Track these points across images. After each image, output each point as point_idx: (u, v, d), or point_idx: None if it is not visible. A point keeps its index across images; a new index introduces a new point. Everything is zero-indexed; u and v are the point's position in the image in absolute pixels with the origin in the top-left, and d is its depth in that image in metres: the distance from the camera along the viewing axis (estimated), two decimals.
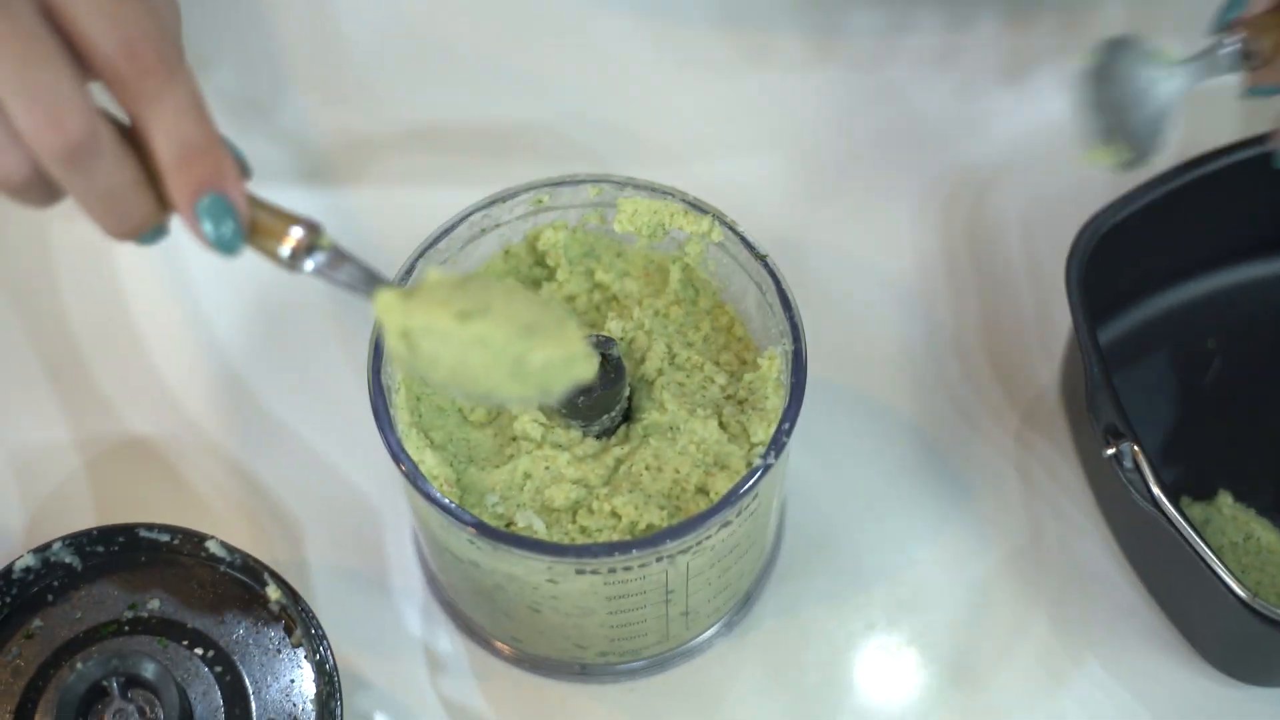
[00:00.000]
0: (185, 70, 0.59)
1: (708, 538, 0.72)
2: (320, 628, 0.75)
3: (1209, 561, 0.74)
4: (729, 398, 0.77)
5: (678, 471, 0.75)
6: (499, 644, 0.83)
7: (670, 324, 0.80)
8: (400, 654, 0.84)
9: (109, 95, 0.60)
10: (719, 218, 0.77)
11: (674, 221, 0.78)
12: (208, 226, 0.60)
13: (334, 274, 0.62)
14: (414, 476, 0.72)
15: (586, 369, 0.61)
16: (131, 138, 0.60)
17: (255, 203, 0.62)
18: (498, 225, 0.80)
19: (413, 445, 0.74)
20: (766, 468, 0.71)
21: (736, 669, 0.83)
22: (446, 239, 0.78)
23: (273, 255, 0.62)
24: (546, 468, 0.75)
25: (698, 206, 0.78)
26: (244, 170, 0.63)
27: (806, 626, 0.84)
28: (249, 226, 0.61)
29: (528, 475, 0.75)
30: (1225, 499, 0.83)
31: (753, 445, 0.75)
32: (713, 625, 0.83)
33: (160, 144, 0.59)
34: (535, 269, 0.82)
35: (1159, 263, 0.88)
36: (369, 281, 0.62)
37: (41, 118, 0.57)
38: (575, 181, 0.79)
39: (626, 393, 0.76)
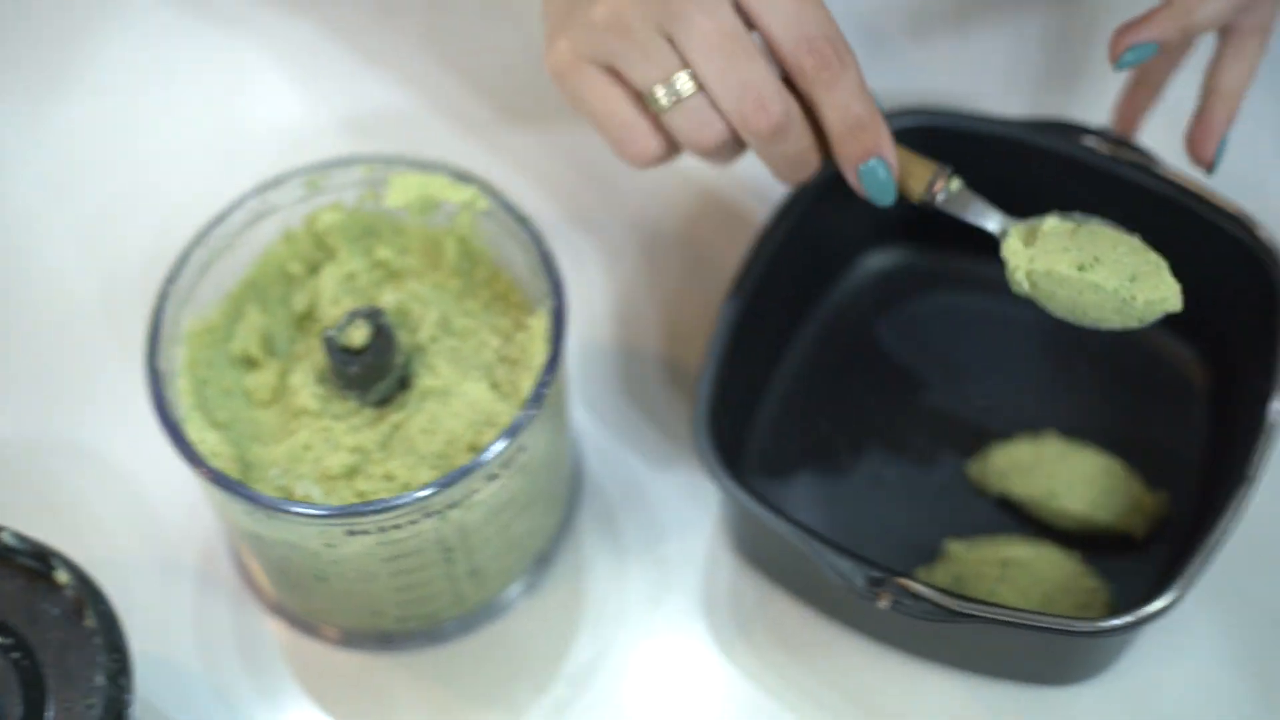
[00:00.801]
0: (852, 59, 0.73)
1: (475, 492, 0.74)
2: (110, 606, 0.77)
3: (1004, 619, 0.76)
4: (503, 359, 0.79)
5: (451, 432, 0.76)
6: (305, 619, 0.84)
7: (448, 294, 0.82)
8: (213, 639, 0.86)
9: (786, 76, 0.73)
10: (484, 187, 0.79)
11: (442, 194, 0.81)
12: (869, 183, 0.75)
13: (960, 209, 0.76)
14: (185, 451, 0.74)
15: (1176, 304, 0.74)
16: (804, 109, 0.74)
17: (901, 154, 0.76)
18: (275, 210, 0.82)
19: (195, 427, 0.77)
20: (528, 418, 0.73)
21: (540, 629, 0.85)
22: (223, 225, 0.80)
23: (913, 195, 0.76)
24: (325, 438, 0.77)
25: (463, 178, 0.80)
26: None
27: (606, 585, 0.86)
28: (899, 179, 0.75)
29: (307, 447, 0.76)
30: (956, 546, 0.86)
31: (522, 401, 0.77)
32: (510, 585, 0.84)
33: (832, 119, 0.73)
34: (317, 251, 0.83)
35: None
36: (992, 218, 0.76)
37: (751, 105, 0.72)
38: (346, 163, 0.81)
39: (400, 360, 0.78)
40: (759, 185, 0.96)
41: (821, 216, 0.88)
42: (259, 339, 0.80)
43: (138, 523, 0.88)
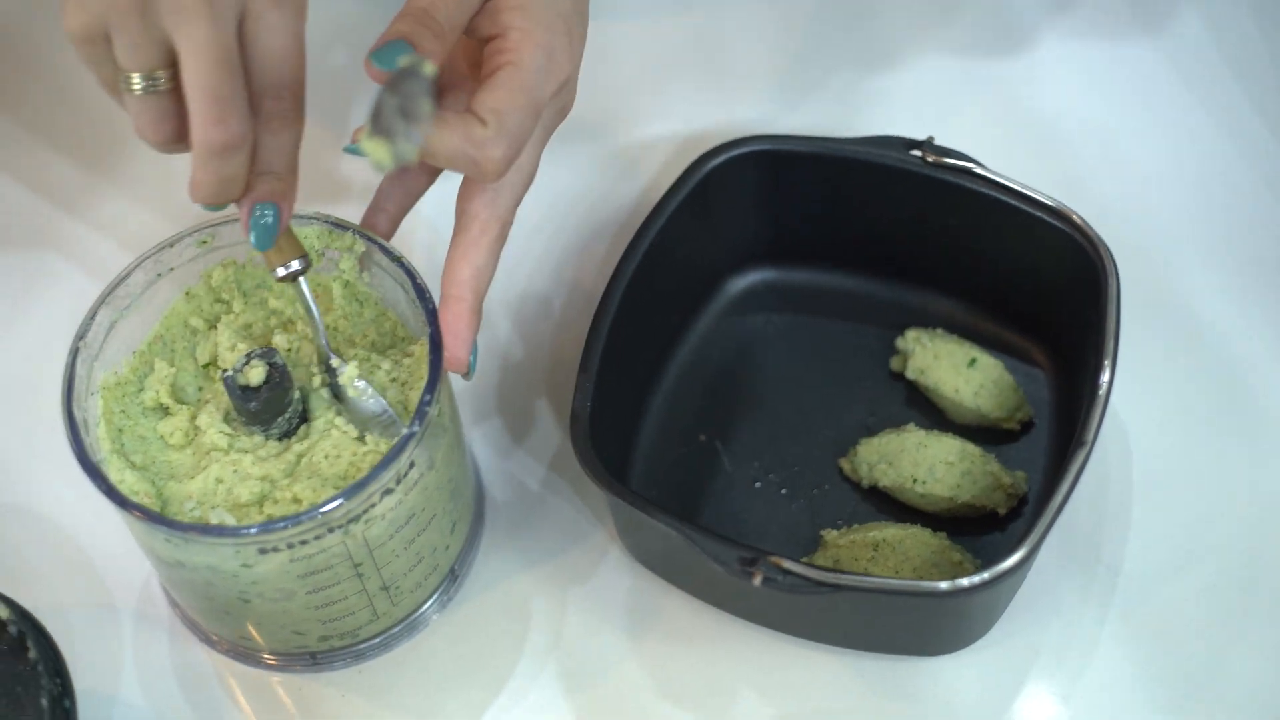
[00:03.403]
0: (302, 120, 0.79)
1: (372, 506, 0.83)
2: (49, 638, 0.85)
3: (867, 587, 0.85)
4: (394, 380, 0.87)
5: (354, 454, 0.85)
6: (234, 647, 0.93)
7: (339, 335, 0.90)
8: (153, 673, 0.94)
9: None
10: (358, 232, 0.88)
11: (321, 241, 0.88)
12: (255, 222, 0.81)
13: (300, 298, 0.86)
14: (105, 489, 0.83)
15: None
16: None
17: (289, 232, 0.83)
18: (171, 269, 0.90)
19: (114, 469, 0.86)
20: (409, 436, 0.82)
21: (455, 641, 0.94)
22: (124, 285, 0.88)
23: (270, 264, 0.84)
24: (234, 470, 0.86)
25: (340, 225, 0.88)
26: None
27: (515, 595, 0.96)
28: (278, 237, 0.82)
29: (219, 480, 0.85)
30: (831, 534, 0.94)
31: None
32: (425, 601, 0.93)
33: (262, 159, 0.80)
34: (215, 305, 0.92)
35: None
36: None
37: (214, 118, 0.76)
38: (231, 221, 0.90)
39: (296, 395, 0.86)
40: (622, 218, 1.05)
41: (680, 242, 0.97)
42: (169, 389, 0.89)
43: (73, 571, 0.97)
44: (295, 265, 0.83)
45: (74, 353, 0.86)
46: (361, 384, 0.87)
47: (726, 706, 0.92)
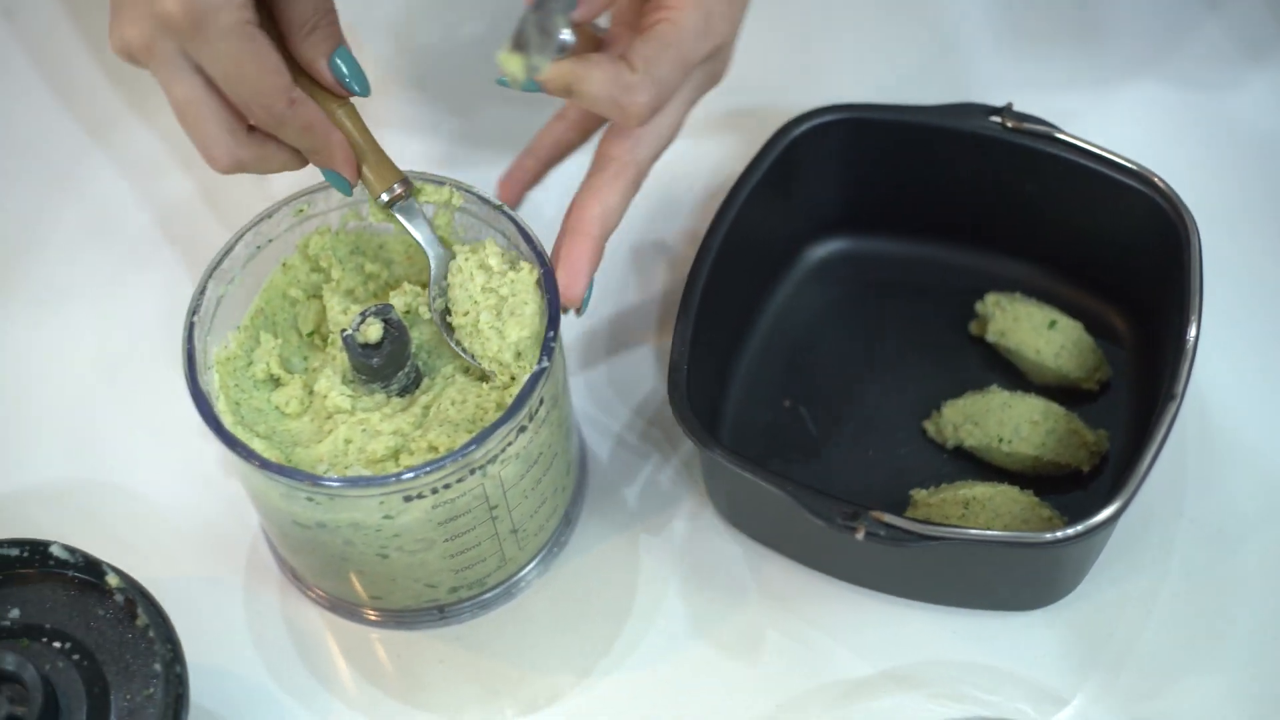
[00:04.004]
0: (300, 99, 0.82)
1: (509, 445, 0.85)
2: (158, 605, 0.86)
3: (972, 538, 0.87)
4: (493, 328, 0.89)
5: (479, 396, 0.87)
6: (358, 609, 0.95)
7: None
8: (261, 640, 0.96)
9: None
10: (455, 184, 0.90)
11: (420, 198, 0.90)
12: (331, 180, 0.87)
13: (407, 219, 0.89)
14: (247, 454, 0.84)
15: None
16: None
17: (373, 156, 0.88)
18: (270, 240, 0.92)
19: (242, 438, 0.86)
20: (540, 371, 0.85)
21: (558, 599, 0.96)
22: (229, 259, 0.90)
23: (373, 192, 0.88)
24: (363, 429, 0.88)
25: (435, 179, 0.90)
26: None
27: (617, 556, 0.98)
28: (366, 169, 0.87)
29: (348, 440, 0.87)
30: (920, 494, 0.96)
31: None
32: (544, 547, 0.96)
33: (296, 146, 0.85)
34: (313, 274, 0.93)
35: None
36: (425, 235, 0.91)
37: (203, 155, 0.83)
38: (326, 187, 0.91)
39: (413, 350, 0.88)
40: (705, 186, 1.07)
41: (758, 216, 1.00)
42: (277, 360, 0.91)
43: (176, 542, 0.99)
44: (396, 189, 0.87)
45: (189, 327, 0.88)
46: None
47: (823, 664, 0.94)
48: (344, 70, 0.85)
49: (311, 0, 0.84)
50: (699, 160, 1.11)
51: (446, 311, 0.89)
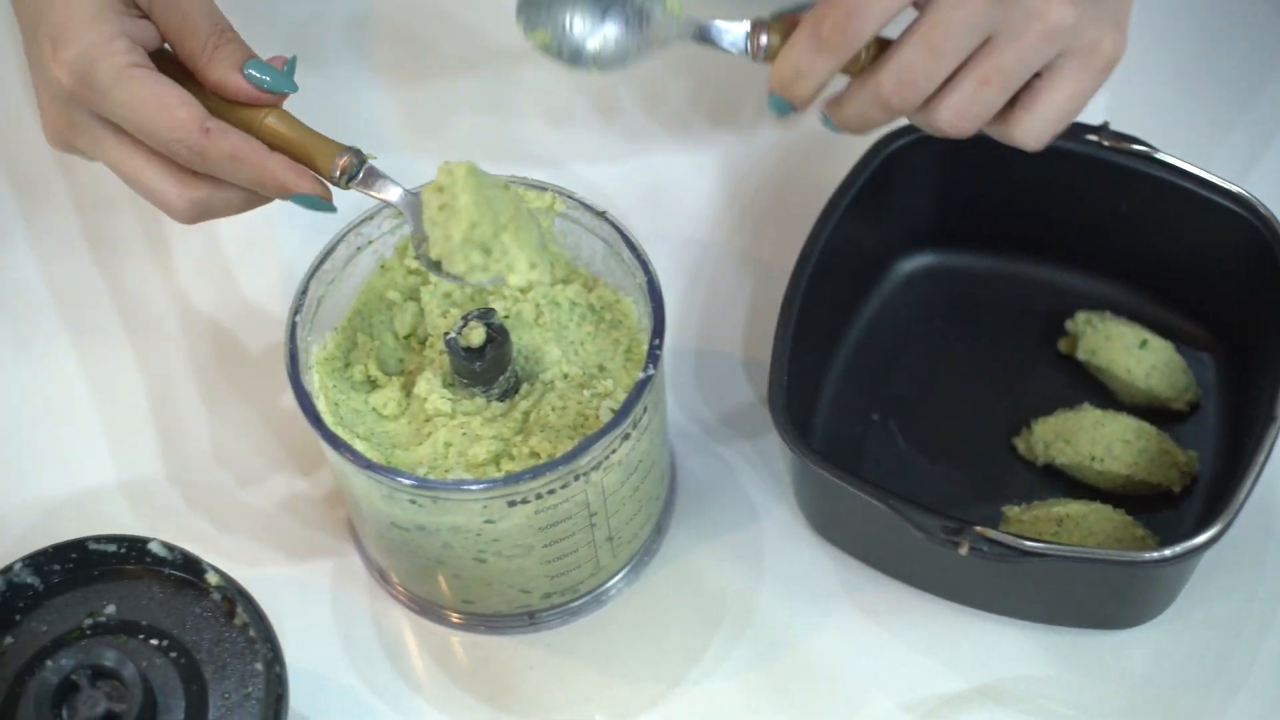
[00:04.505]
0: (218, 131, 0.81)
1: (614, 451, 0.85)
2: (256, 605, 0.86)
3: (1076, 556, 0.88)
4: (592, 337, 0.92)
5: (579, 403, 0.88)
6: (450, 614, 0.95)
7: (537, 295, 0.92)
8: (358, 646, 0.96)
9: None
10: (557, 190, 0.90)
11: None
12: (304, 203, 0.84)
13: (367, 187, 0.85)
14: (353, 456, 0.85)
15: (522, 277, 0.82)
16: None
17: (310, 138, 0.84)
18: (370, 242, 0.92)
19: (344, 439, 0.86)
20: (646, 379, 0.85)
21: (647, 607, 0.97)
22: (330, 259, 0.90)
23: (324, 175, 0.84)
24: (463, 433, 0.88)
25: (539, 186, 0.90)
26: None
27: (701, 566, 0.98)
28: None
29: (448, 444, 0.87)
30: (1013, 510, 0.96)
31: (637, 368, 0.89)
32: (635, 555, 0.96)
33: (240, 181, 0.83)
34: (410, 276, 0.93)
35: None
36: (392, 191, 0.85)
37: (161, 207, 0.83)
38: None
39: (514, 354, 0.88)
40: (795, 199, 1.08)
41: (853, 229, 1.00)
42: (374, 362, 0.91)
43: (270, 541, 0.99)
44: (340, 161, 0.83)
45: (291, 326, 0.88)
46: None
47: (914, 678, 0.94)
48: (259, 76, 0.83)
49: (204, 27, 0.83)
50: (790, 173, 1.11)
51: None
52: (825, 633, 0.95)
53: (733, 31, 0.85)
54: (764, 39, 0.84)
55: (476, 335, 0.87)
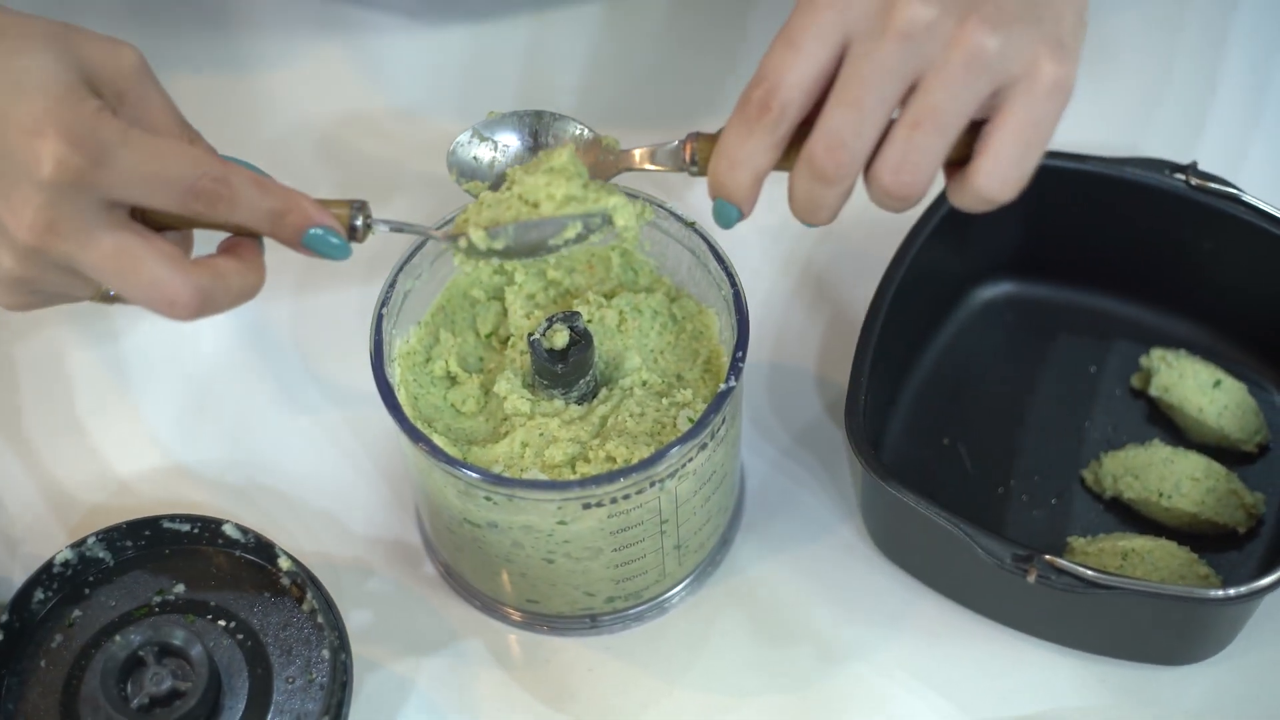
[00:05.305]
0: (233, 171, 0.77)
1: (690, 460, 0.86)
2: (326, 592, 0.87)
3: (1145, 590, 0.88)
4: (671, 346, 0.93)
5: (658, 410, 0.89)
6: (512, 612, 0.97)
7: (621, 302, 0.93)
8: (419, 639, 0.97)
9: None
10: (649, 199, 0.91)
11: (616, 216, 0.91)
12: (320, 246, 0.81)
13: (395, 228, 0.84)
14: (431, 449, 0.86)
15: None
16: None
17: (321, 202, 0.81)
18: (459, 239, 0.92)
19: (423, 433, 0.87)
20: (728, 390, 0.86)
21: (707, 618, 0.98)
22: (419, 254, 0.91)
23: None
24: (541, 434, 0.89)
25: (630, 193, 0.91)
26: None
27: (764, 579, 0.99)
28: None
29: (525, 444, 0.88)
30: (1079, 541, 0.99)
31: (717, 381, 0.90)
32: (700, 565, 0.97)
33: (254, 225, 0.80)
34: (495, 276, 0.94)
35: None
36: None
37: (164, 304, 0.77)
38: None
39: (595, 358, 0.89)
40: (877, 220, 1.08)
41: (936, 255, 1.00)
42: (455, 359, 0.92)
43: (333, 534, 1.01)
44: (357, 214, 0.82)
45: (378, 318, 0.89)
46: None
47: (971, 703, 0.95)
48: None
49: (165, 122, 0.79)
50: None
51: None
52: (884, 654, 0.96)
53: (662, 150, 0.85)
54: (691, 149, 0.84)
55: (559, 338, 0.88)
